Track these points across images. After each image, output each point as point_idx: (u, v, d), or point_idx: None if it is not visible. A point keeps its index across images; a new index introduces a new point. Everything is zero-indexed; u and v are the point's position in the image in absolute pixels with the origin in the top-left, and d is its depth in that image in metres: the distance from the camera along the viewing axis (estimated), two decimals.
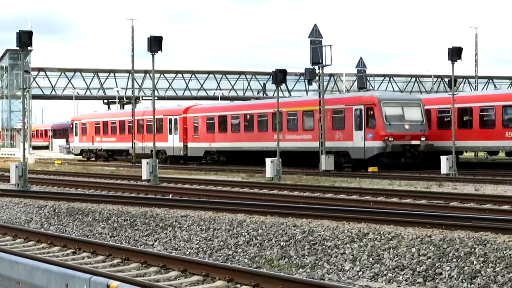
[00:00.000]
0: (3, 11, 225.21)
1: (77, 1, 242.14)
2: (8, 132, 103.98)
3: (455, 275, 13.41)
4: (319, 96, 47.98)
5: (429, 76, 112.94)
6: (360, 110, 44.65)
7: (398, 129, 43.55)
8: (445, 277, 13.48)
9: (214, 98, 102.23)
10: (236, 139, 53.70)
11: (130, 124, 65.01)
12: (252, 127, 52.79)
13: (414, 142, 43.78)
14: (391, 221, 17.23)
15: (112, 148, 68.83)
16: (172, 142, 59.31)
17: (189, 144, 58.07)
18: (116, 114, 72.38)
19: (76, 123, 74.03)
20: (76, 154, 75.51)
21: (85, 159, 71.59)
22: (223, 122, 55.31)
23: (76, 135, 73.90)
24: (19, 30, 32.96)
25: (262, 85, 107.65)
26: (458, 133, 41.91)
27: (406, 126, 43.62)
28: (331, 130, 46.43)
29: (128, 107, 79.32)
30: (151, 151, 60.80)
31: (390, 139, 43.06)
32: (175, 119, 59.34)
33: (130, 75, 73.87)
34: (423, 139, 43.80)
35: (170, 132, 59.62)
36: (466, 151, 51.19)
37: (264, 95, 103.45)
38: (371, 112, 44.00)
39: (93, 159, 70.46)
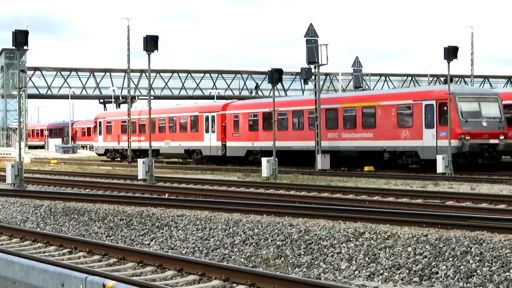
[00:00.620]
0: None
1: (72, 1, 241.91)
2: (4, 132, 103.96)
3: (451, 274, 13.42)
4: (315, 96, 47.96)
5: (425, 76, 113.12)
6: (432, 105, 40.85)
7: (475, 127, 39.78)
8: (441, 276, 13.49)
9: (210, 97, 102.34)
10: (283, 137, 48.67)
11: (162, 122, 60.61)
12: (302, 125, 48.91)
13: (492, 141, 40.05)
14: (387, 220, 17.23)
15: (141, 148, 62.90)
16: (209, 141, 54.86)
17: (228, 143, 53.53)
18: (145, 111, 66.66)
19: (100, 121, 69.00)
20: (99, 154, 70.45)
21: (109, 159, 67.50)
22: (269, 119, 49.01)
23: (100, 134, 68.62)
24: (15, 30, 32.88)
25: (255, 84, 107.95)
26: None
27: (484, 124, 39.75)
28: (396, 128, 42.67)
29: (154, 104, 72.06)
30: (185, 150, 57.16)
31: (466, 137, 39.42)
32: (213, 116, 54.78)
33: (126, 74, 73.80)
34: (501, 137, 40.14)
35: (207, 131, 55.09)
36: None
37: (257, 94, 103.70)
38: (445, 108, 39.81)
39: (119, 159, 66.33)
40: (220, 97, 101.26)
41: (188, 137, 57.40)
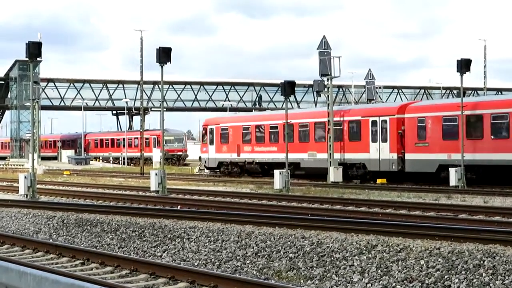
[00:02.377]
0: (13, 21, 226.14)
1: (86, 13, 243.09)
2: (17, 143, 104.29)
3: None
4: (328, 108, 47.93)
5: (438, 88, 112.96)
6: None
7: None
8: None
9: (223, 109, 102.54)
10: (479, 148, 39.32)
11: (304, 129, 50.70)
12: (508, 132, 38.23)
13: None
14: (400, 233, 17.20)
15: (271, 161, 52.29)
16: (377, 152, 44.66)
17: (408, 156, 42.73)
18: (278, 116, 53.03)
19: (212, 128, 57.89)
20: (210, 168, 59.17)
21: (223, 174, 57.44)
22: (477, 124, 39.84)
23: (211, 143, 57.54)
24: (28, 41, 33.07)
25: (259, 96, 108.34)
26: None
27: None
28: None
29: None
30: (340, 164, 46.46)
31: None
32: (383, 121, 44.64)
33: (139, 86, 73.94)
34: None
35: (374, 139, 44.98)
36: None
37: (259, 106, 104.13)
38: None
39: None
40: (233, 109, 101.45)
41: (344, 148, 47.47)
